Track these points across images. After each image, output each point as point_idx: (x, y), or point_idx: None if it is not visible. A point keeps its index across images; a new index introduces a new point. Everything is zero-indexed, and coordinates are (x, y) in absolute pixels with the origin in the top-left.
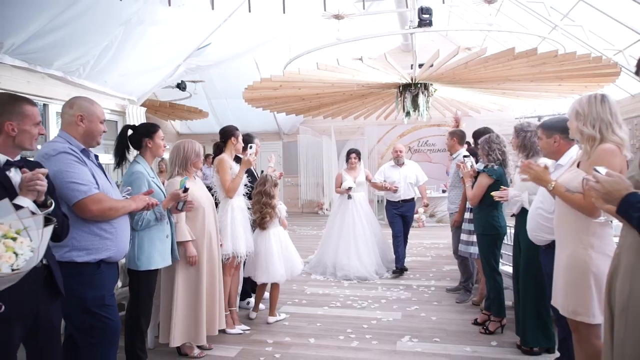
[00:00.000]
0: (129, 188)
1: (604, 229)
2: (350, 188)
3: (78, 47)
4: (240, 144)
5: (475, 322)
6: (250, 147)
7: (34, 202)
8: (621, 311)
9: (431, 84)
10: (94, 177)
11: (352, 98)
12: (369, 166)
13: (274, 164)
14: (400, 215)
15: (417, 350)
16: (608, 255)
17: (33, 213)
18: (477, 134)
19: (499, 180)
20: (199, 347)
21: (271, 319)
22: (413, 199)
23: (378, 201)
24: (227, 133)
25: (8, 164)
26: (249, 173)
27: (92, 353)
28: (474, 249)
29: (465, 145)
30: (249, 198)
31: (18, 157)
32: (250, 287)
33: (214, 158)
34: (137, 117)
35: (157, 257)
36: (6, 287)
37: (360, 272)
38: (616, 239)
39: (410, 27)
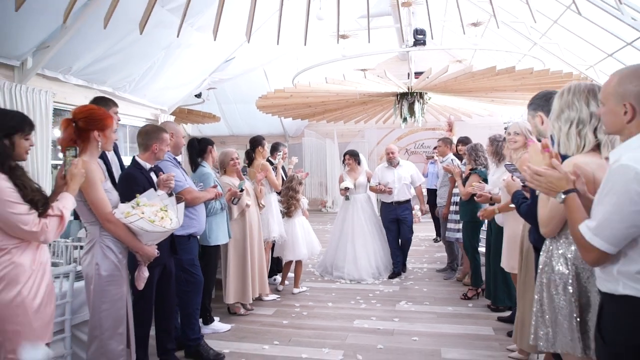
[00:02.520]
0: (202, 184)
1: None
2: (347, 189)
3: (128, 68)
4: (267, 151)
5: (465, 296)
6: (279, 153)
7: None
8: (524, 258)
9: (426, 93)
10: (184, 176)
11: (354, 105)
12: (369, 167)
13: (294, 165)
14: (395, 220)
15: (411, 310)
16: None
17: None
18: (464, 140)
19: (485, 180)
20: (244, 308)
21: (296, 290)
22: (409, 200)
23: (378, 199)
24: (255, 142)
25: (150, 170)
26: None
27: (185, 298)
28: (460, 235)
29: (454, 149)
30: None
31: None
32: (275, 267)
33: (249, 164)
34: None
35: (222, 235)
36: (163, 239)
37: (353, 275)
38: None
39: (406, 45)
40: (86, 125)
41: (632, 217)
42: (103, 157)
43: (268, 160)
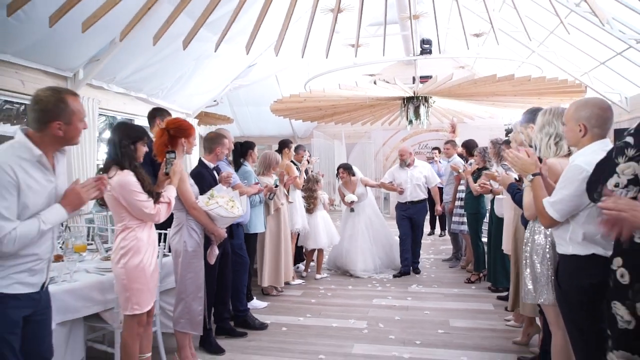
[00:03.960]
0: (245, 181)
1: None
2: (353, 202)
3: (162, 77)
4: (292, 152)
5: (468, 280)
6: (304, 155)
7: None
8: (518, 239)
9: (430, 97)
10: (234, 174)
11: (362, 108)
12: (375, 167)
13: (313, 165)
14: (408, 218)
15: (422, 291)
16: None
17: None
18: (466, 143)
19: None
20: (276, 290)
21: (318, 276)
22: (423, 200)
23: (385, 198)
24: (283, 144)
25: (213, 169)
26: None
27: (235, 276)
28: (464, 227)
29: (459, 149)
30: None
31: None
32: (298, 256)
33: None
34: None
35: (259, 224)
36: (230, 223)
37: (351, 268)
38: None
39: (413, 54)
40: (175, 133)
41: (576, 200)
42: None
43: (291, 161)
